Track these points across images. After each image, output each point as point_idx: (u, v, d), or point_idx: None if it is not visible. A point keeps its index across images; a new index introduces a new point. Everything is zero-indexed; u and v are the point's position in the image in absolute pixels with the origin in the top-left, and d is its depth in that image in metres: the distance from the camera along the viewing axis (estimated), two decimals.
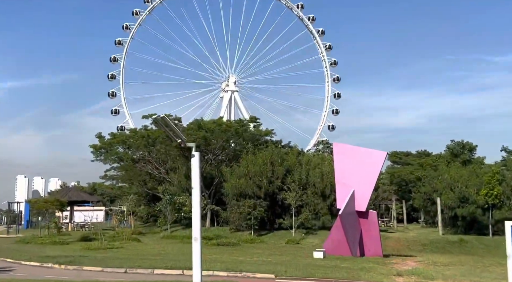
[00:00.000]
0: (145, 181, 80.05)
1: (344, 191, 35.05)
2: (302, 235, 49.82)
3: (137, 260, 30.60)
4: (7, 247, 42.78)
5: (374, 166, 35.17)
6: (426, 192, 55.23)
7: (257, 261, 31.65)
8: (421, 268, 28.81)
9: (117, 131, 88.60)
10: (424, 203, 56.45)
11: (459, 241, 46.51)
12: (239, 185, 53.46)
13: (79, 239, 51.08)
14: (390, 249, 42.84)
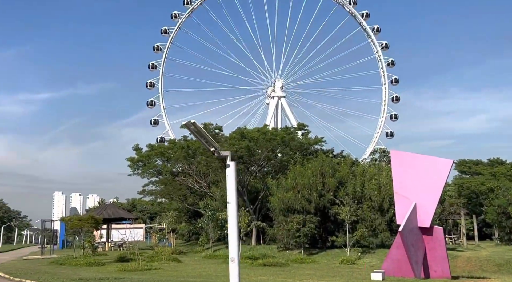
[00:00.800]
0: (185, 196, 79.96)
1: (404, 204, 33.55)
2: (358, 254, 48.33)
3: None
4: (39, 269, 42.90)
5: (438, 176, 33.53)
6: (501, 205, 52.70)
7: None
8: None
9: (157, 143, 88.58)
10: (498, 218, 53.86)
11: None
12: (287, 199, 52.40)
13: (115, 259, 51.07)
14: (459, 270, 41.05)
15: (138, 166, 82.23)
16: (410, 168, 34.06)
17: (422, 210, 33.37)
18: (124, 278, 33.93)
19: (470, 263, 45.49)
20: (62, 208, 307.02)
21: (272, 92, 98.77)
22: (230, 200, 12.10)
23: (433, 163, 34.11)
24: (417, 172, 33.81)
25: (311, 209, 51.21)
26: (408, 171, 34.04)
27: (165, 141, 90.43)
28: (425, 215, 33.47)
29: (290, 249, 53.57)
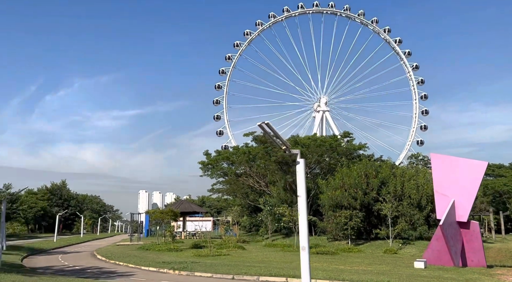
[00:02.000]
0: (247, 194, 79.35)
1: (443, 201, 31.84)
2: (399, 245, 46.42)
3: (243, 267, 29.18)
4: (129, 253, 43.25)
5: (474, 176, 31.72)
6: None
7: (357, 270, 29.17)
8: None
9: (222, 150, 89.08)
10: None
11: None
12: (335, 196, 50.98)
13: (190, 246, 50.77)
14: (491, 259, 38.75)
15: (208, 169, 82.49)
16: (448, 169, 32.36)
17: (460, 207, 31.62)
18: (199, 262, 33.45)
19: (501, 254, 43.05)
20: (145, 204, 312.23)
21: (317, 107, 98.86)
22: (300, 194, 11.07)
23: (469, 165, 32.29)
24: (454, 172, 32.09)
25: (356, 206, 49.61)
26: (446, 172, 32.34)
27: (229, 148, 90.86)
28: (462, 211, 31.68)
29: (339, 240, 52.04)
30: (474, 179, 31.69)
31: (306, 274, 10.86)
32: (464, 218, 31.69)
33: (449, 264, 31.47)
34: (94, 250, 52.26)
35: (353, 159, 63.21)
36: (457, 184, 31.68)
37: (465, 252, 32.21)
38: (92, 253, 48.41)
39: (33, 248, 52.39)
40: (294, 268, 29.06)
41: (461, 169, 31.99)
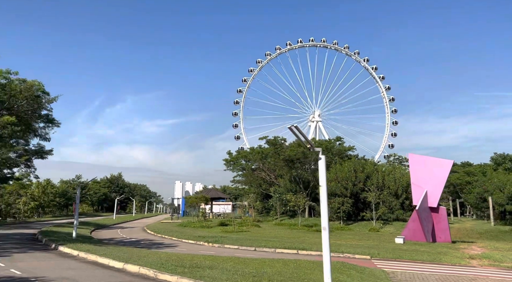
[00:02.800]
0: (260, 184, 78.82)
1: (418, 191, 31.21)
2: (380, 225, 45.68)
3: (262, 241, 28.69)
4: (172, 229, 42.81)
5: (443, 171, 31.10)
6: (479, 193, 48.77)
7: (352, 244, 28.56)
8: (488, 253, 24.48)
9: (239, 150, 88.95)
10: (476, 201, 49.87)
11: (510, 231, 40.25)
12: (330, 187, 50.23)
13: (218, 224, 50.23)
14: (453, 237, 37.73)
15: (230, 164, 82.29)
16: (422, 166, 31.72)
17: (431, 195, 30.96)
18: (227, 236, 32.88)
19: (460, 232, 42.08)
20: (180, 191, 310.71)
21: (312, 118, 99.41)
22: (322, 184, 10.59)
23: (439, 163, 31.64)
24: (427, 168, 31.46)
25: (347, 194, 48.90)
26: (421, 168, 31.71)
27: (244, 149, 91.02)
28: (433, 199, 31.04)
29: (332, 220, 51.28)
30: (443, 173, 31.07)
31: (327, 250, 10.40)
32: (434, 204, 31.05)
33: (422, 240, 30.82)
34: (144, 226, 51.93)
35: (343, 158, 62.43)
36: (429, 177, 31.06)
37: (434, 231, 31.55)
38: (143, 228, 48.10)
39: (98, 223, 52.27)
40: (302, 242, 28.55)
41: (432, 165, 31.37)
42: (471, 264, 20.50)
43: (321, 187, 10.53)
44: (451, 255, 23.22)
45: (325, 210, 10.51)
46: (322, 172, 10.61)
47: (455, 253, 24.73)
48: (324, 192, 10.52)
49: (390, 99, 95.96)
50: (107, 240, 32.29)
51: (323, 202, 10.47)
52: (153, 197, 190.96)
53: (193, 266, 14.45)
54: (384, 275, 15.29)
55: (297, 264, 16.08)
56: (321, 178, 10.62)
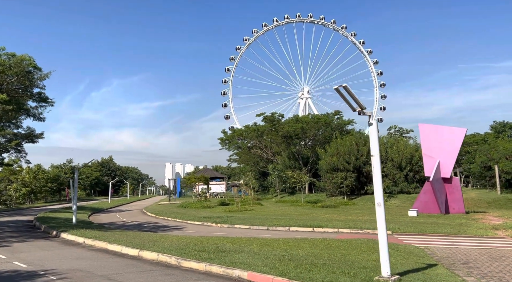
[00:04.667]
0: (257, 162, 77.76)
1: (430, 162, 30.20)
2: (385, 198, 44.91)
3: (271, 219, 27.56)
4: (172, 210, 41.48)
5: (455, 140, 30.06)
6: (483, 161, 48.05)
7: (365, 219, 27.59)
8: (510, 223, 23.55)
9: (234, 129, 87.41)
10: (480, 170, 49.24)
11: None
12: (332, 162, 49.32)
13: (218, 204, 49.22)
14: None
15: (225, 143, 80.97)
16: (434, 136, 30.62)
17: (444, 165, 29.99)
18: (233, 216, 31.71)
19: (468, 202, 41.36)
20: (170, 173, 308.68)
21: (302, 95, 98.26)
22: (374, 153, 9.28)
23: (451, 131, 30.58)
24: (439, 138, 30.37)
25: (350, 168, 47.99)
26: (432, 138, 30.60)
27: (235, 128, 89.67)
28: (446, 169, 30.09)
29: (335, 195, 50.58)
30: (455, 142, 30.05)
31: (383, 228, 9.18)
32: (447, 174, 30.15)
33: (435, 212, 30.02)
34: (142, 208, 50.68)
35: (343, 132, 61.36)
36: (441, 147, 30.02)
37: (447, 202, 30.74)
38: (141, 211, 46.81)
39: (94, 207, 50.82)
40: (313, 220, 27.47)
41: (444, 135, 30.28)
42: (499, 235, 19.59)
43: (374, 156, 9.20)
44: (474, 227, 22.35)
45: (379, 183, 9.20)
46: (374, 140, 9.26)
47: (476, 224, 23.88)
48: (377, 162, 9.20)
49: (378, 73, 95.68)
50: (107, 224, 30.93)
51: (377, 174, 9.14)
52: (145, 179, 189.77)
53: (217, 250, 13.17)
54: (421, 252, 14.18)
55: (327, 244, 14.90)
56: (373, 146, 9.28)
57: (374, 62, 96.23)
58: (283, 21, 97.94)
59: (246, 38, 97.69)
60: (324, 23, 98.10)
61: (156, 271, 11.16)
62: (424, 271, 10.46)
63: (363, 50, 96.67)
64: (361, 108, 9.05)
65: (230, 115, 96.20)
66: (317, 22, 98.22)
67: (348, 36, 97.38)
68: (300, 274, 9.31)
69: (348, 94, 8.80)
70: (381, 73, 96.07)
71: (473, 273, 10.45)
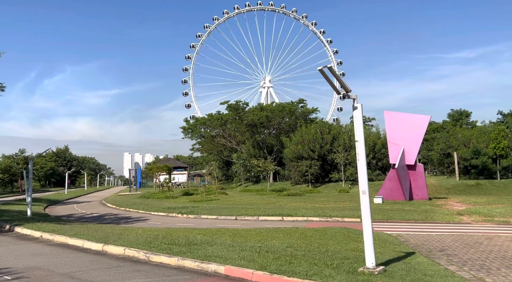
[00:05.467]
0: (221, 151, 77.02)
1: (395, 149, 30.58)
2: (349, 185, 45.58)
3: (239, 209, 27.04)
4: (134, 201, 40.10)
5: (419, 128, 30.57)
6: (443, 148, 49.64)
7: (332, 207, 27.62)
8: (473, 208, 24.26)
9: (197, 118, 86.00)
10: (440, 157, 50.89)
11: (476, 184, 41.45)
12: (297, 150, 49.44)
13: (181, 194, 48.16)
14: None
15: (188, 132, 79.58)
16: (398, 123, 30.97)
17: (408, 153, 30.46)
18: (198, 206, 30.96)
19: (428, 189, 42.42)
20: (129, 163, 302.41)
21: (263, 84, 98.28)
22: (358, 139, 8.84)
23: (415, 118, 31.07)
24: (403, 125, 30.75)
25: (315, 156, 48.29)
26: (397, 125, 30.96)
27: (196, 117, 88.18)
28: (410, 156, 30.60)
29: (300, 183, 50.85)
30: (419, 129, 30.56)
31: (368, 215, 8.82)
32: (412, 161, 30.68)
33: (399, 198, 30.54)
34: (101, 199, 48.86)
35: (307, 121, 61.58)
36: (406, 134, 30.42)
37: (411, 188, 31.34)
38: (101, 202, 45.07)
39: (50, 199, 48.44)
40: (281, 208, 27.20)
41: (408, 122, 30.70)
42: (465, 221, 20.00)
43: (358, 142, 8.77)
44: (439, 213, 22.78)
45: (364, 170, 8.80)
46: (359, 124, 8.83)
47: (441, 210, 24.39)
48: (362, 148, 8.78)
49: (338, 63, 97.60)
50: (65, 216, 29.39)
51: (361, 161, 8.72)
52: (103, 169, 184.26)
53: (189, 243, 12.48)
54: (395, 239, 14.11)
55: (301, 233, 14.55)
56: (357, 131, 8.85)
57: (334, 52, 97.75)
58: (244, 9, 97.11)
59: (206, 25, 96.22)
60: (285, 12, 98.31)
61: (123, 267, 10.35)
62: (405, 260, 10.27)
63: (323, 39, 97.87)
64: (346, 91, 8.58)
65: (191, 104, 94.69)
66: (278, 10, 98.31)
67: (308, 25, 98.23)
68: (281, 267, 8.83)
69: (333, 76, 8.29)
70: (340, 62, 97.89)
71: (453, 261, 10.36)
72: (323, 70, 8.19)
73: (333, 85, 8.54)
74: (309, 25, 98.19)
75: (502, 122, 59.84)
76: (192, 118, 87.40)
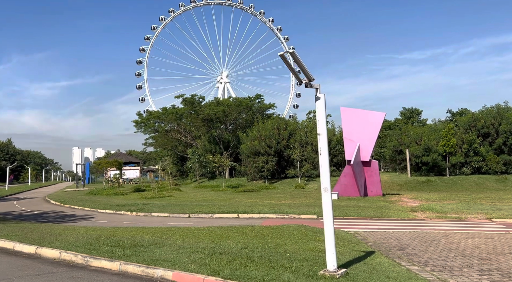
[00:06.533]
0: (176, 146, 75.10)
1: (351, 146, 30.64)
2: (305, 182, 45.58)
3: (192, 206, 25.97)
4: (80, 198, 37.80)
5: (375, 124, 30.82)
6: (395, 145, 50.79)
7: (289, 203, 27.21)
8: (426, 205, 24.66)
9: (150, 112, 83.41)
10: (392, 154, 52.03)
11: (427, 181, 42.67)
12: (254, 145, 48.86)
13: (132, 190, 46.29)
14: None
15: (141, 126, 77.04)
16: (354, 119, 31.05)
17: (363, 149, 30.61)
18: (150, 203, 29.52)
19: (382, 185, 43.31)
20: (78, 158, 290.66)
21: (220, 79, 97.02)
22: (321, 132, 8.14)
23: (371, 115, 31.27)
24: (359, 121, 30.86)
25: (271, 152, 47.94)
26: (353, 121, 31.02)
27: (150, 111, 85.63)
28: (366, 153, 30.78)
29: (256, 180, 50.36)
30: (375, 126, 30.78)
31: (329, 214, 8.20)
32: (367, 158, 30.87)
33: (354, 194, 30.70)
34: (45, 196, 45.94)
35: (263, 116, 61.17)
36: (361, 131, 30.56)
37: (366, 184, 31.57)
38: (44, 198, 42.30)
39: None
40: (236, 205, 26.43)
41: (364, 118, 30.85)
42: (419, 217, 20.13)
43: (320, 135, 8.10)
44: (394, 209, 22.93)
45: (326, 165, 8.14)
46: (321, 116, 8.15)
47: (395, 206, 24.61)
48: (325, 142, 8.12)
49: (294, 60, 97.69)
50: (2, 214, 27.06)
51: (324, 156, 8.06)
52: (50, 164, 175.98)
53: (134, 245, 11.40)
54: (353, 237, 13.74)
55: (257, 232, 13.81)
56: (320, 123, 8.17)
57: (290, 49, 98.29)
58: (201, 2, 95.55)
59: (162, 18, 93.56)
60: (243, 7, 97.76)
61: (57, 273, 9.15)
62: (365, 260, 9.79)
63: (281, 36, 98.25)
64: (308, 80, 7.87)
65: (145, 98, 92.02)
66: (236, 5, 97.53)
67: (266, 21, 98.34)
68: (236, 271, 8.03)
69: (295, 62, 7.56)
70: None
71: (414, 260, 10.01)
72: (284, 56, 7.45)
73: (295, 72, 7.83)
74: (266, 22, 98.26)
75: (451, 121, 62.26)
76: (146, 112, 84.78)
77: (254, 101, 61.63)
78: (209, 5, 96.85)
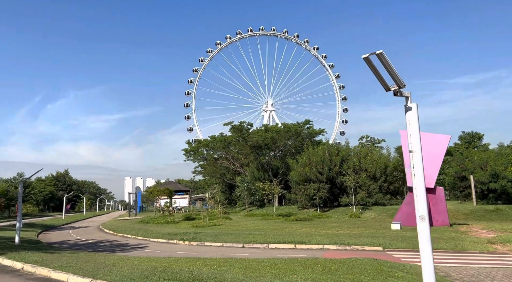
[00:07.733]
0: (224, 174, 74.81)
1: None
2: (359, 210, 43.20)
3: (245, 235, 24.77)
4: (133, 227, 37.70)
5: (439, 148, 28.56)
6: (457, 172, 47.38)
7: (349, 234, 25.38)
8: (503, 236, 22.01)
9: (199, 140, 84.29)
10: (454, 181, 48.56)
11: (496, 210, 39.03)
12: (304, 172, 47.27)
13: (183, 218, 45.82)
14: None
15: (190, 155, 77.69)
16: None
17: (427, 175, 28.18)
18: (201, 232, 28.68)
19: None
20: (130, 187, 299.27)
21: (266, 107, 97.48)
22: (414, 149, 6.89)
23: (435, 138, 29.07)
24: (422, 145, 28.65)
25: (323, 179, 46.07)
26: None
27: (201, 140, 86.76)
28: (430, 178, 28.45)
29: (307, 208, 48.45)
30: (440, 150, 28.56)
31: (427, 246, 6.79)
32: (431, 184, 28.55)
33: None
34: (99, 224, 46.53)
35: (313, 142, 59.66)
36: (424, 155, 28.25)
37: (431, 213, 29.10)
38: (98, 227, 42.74)
39: (45, 224, 46.14)
40: (291, 235, 25.02)
41: (427, 142, 28.60)
42: (500, 250, 17.83)
43: (414, 152, 6.85)
44: (468, 241, 20.60)
45: (422, 189, 6.83)
46: (414, 129, 6.91)
47: (468, 238, 22.19)
48: (419, 160, 6.84)
49: (340, 87, 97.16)
50: (58, 243, 27.20)
51: (418, 177, 6.75)
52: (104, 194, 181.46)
53: (193, 279, 10.39)
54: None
55: (324, 266, 12.41)
56: (413, 138, 6.92)
57: (336, 76, 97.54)
58: (246, 34, 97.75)
59: (209, 50, 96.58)
60: (287, 37, 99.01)
61: None
62: None
63: (325, 64, 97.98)
64: (398, 86, 6.71)
65: (193, 128, 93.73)
66: (280, 35, 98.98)
67: (310, 50, 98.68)
68: None
69: (384, 66, 6.44)
70: (342, 86, 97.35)
71: None
72: (369, 58, 6.34)
73: (381, 77, 6.68)
74: (310, 50, 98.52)
75: None
76: (194, 141, 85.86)
77: (303, 127, 60.39)
78: (254, 36, 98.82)
